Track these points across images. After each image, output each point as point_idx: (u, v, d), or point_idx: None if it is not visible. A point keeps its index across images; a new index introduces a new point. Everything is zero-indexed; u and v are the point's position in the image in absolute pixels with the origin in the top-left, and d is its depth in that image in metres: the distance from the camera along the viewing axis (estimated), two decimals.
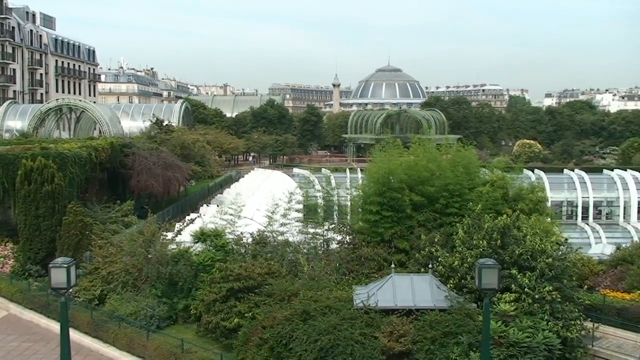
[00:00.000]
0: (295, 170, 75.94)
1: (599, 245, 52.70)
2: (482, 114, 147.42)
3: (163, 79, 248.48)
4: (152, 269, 30.10)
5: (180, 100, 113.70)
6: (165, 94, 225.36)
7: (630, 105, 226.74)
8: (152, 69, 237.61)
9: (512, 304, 23.13)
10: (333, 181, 45.78)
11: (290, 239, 33.67)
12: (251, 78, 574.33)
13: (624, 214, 66.92)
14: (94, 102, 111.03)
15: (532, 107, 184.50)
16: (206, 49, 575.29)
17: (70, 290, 19.85)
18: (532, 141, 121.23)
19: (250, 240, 33.05)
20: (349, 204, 40.25)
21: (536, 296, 23.28)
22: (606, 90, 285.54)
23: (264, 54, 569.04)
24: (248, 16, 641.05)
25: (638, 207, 66.27)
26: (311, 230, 35.15)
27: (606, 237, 59.47)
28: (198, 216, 42.59)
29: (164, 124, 76.72)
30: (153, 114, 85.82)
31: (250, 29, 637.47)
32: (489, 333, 18.56)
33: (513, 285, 23.64)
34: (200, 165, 71.42)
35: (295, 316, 23.36)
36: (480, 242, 25.04)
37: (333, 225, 35.08)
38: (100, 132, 78.62)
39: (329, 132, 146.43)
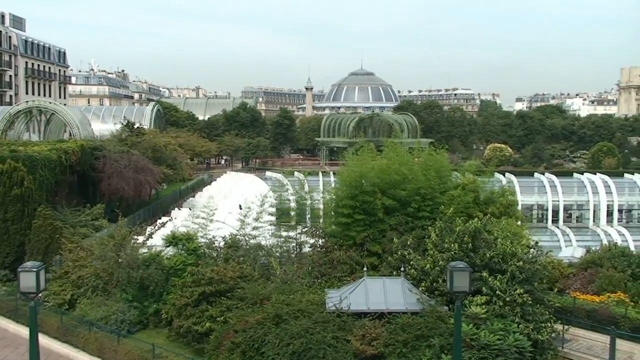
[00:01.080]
0: (268, 173, 75.81)
1: (569, 248, 53.22)
2: (453, 118, 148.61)
3: (134, 81, 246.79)
4: (122, 273, 29.81)
5: (152, 103, 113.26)
6: (136, 96, 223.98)
7: (600, 110, 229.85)
8: (123, 71, 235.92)
9: (483, 306, 23.26)
10: (306, 185, 45.68)
11: (263, 243, 33.57)
12: (224, 81, 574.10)
13: (594, 217, 67.73)
14: (64, 104, 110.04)
15: (503, 112, 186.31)
16: (178, 52, 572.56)
17: (40, 294, 19.60)
18: (503, 145, 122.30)
19: (222, 243, 32.92)
20: (321, 207, 40.25)
21: (507, 299, 23.44)
22: (576, 95, 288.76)
23: (237, 57, 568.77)
24: (221, 19, 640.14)
25: (607, 211, 67.14)
26: (284, 234, 35.08)
27: (576, 240, 60.09)
28: (169, 220, 42.31)
29: (135, 126, 76.14)
30: (124, 117, 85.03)
31: (223, 31, 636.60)
32: (460, 336, 18.64)
33: (484, 288, 23.78)
34: (171, 168, 71.02)
35: (267, 320, 23.32)
36: (452, 245, 25.14)
37: (306, 229, 35.09)
38: (70, 135, 77.95)
39: (301, 135, 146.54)
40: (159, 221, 41.41)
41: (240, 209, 39.50)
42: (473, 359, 21.21)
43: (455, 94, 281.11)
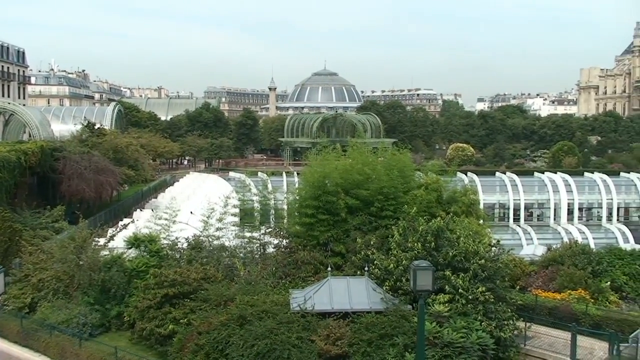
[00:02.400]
0: (231, 174, 75.58)
1: (531, 247, 53.86)
2: (416, 118, 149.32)
3: (95, 81, 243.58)
4: (84, 275, 29.46)
5: (113, 103, 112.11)
6: (97, 96, 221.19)
7: (560, 110, 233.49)
8: (83, 71, 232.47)
9: (446, 305, 23.44)
10: (269, 185, 45.67)
11: (227, 244, 33.45)
12: (186, 81, 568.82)
13: (555, 215, 68.72)
14: (24, 105, 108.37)
15: (465, 112, 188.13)
16: (140, 51, 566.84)
17: None
18: (465, 145, 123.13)
19: (185, 245, 32.71)
20: (285, 207, 40.22)
21: (470, 297, 23.63)
22: (537, 95, 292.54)
23: (199, 57, 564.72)
24: (183, 18, 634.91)
25: (568, 209, 68.16)
26: (247, 235, 34.99)
27: (537, 238, 60.94)
28: (131, 221, 41.90)
29: (96, 127, 75.32)
30: (85, 117, 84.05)
31: (185, 31, 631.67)
32: (423, 334, 18.76)
33: (447, 287, 23.94)
34: (133, 169, 70.26)
35: (231, 321, 23.23)
36: (415, 244, 25.29)
37: (269, 229, 35.02)
38: (30, 136, 76.99)
39: (265, 135, 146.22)
40: (120, 223, 41.09)
41: (192, 213, 39.43)
42: (436, 357, 21.34)
43: (418, 94, 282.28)
